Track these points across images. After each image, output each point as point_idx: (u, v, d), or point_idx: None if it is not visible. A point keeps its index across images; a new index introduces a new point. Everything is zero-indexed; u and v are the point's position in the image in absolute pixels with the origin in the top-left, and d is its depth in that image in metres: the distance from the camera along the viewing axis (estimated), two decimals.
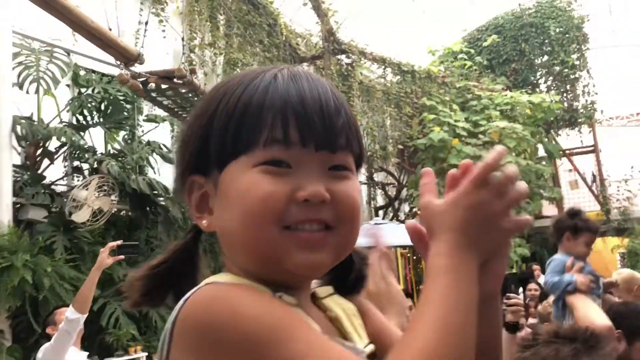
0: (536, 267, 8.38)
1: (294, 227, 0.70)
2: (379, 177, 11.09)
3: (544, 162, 10.73)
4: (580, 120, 13.12)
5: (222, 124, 0.73)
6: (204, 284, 0.71)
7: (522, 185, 0.67)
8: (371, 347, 0.82)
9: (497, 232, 0.68)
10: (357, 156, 0.77)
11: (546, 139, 11.84)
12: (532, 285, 5.86)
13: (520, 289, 5.96)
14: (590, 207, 13.78)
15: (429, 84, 10.08)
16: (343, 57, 9.16)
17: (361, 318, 0.86)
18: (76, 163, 6.83)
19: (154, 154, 7.38)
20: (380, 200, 10.89)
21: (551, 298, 3.44)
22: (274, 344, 0.61)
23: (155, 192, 7.09)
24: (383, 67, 10.03)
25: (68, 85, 6.98)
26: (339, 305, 0.84)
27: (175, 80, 5.67)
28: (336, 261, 0.75)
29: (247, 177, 0.70)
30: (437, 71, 10.48)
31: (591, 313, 2.20)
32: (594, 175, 15.39)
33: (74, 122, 6.89)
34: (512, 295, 2.93)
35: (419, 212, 0.71)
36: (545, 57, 13.16)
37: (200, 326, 0.65)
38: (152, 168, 7.42)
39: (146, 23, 6.28)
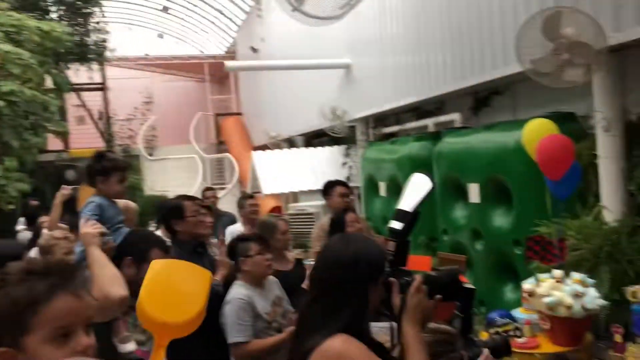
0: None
1: None
2: None
3: (51, 95, 10.28)
4: (91, 56, 13.15)
5: None
6: None
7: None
8: None
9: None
10: None
11: (55, 71, 11.40)
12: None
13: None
14: (96, 143, 14.22)
15: None
16: None
17: None
18: None
19: None
20: None
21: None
22: None
23: None
24: None
25: None
26: None
27: None
28: None
29: None
30: None
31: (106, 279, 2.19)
32: (100, 113, 15.90)
33: None
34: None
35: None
36: None
37: None
38: None
39: None
